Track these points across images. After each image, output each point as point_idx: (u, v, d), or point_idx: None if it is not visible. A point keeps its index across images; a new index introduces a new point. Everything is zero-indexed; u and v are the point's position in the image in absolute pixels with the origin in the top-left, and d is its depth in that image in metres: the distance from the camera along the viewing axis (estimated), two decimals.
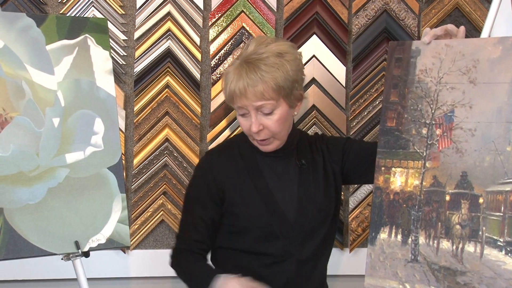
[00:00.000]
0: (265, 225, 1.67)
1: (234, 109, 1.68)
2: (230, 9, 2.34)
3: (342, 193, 2.38)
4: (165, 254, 1.82)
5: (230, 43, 2.34)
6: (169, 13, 2.32)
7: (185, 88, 2.32)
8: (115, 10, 2.29)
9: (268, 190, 1.69)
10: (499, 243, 1.33)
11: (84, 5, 2.26)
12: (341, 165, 1.76)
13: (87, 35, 1.72)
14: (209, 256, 1.80)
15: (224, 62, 2.34)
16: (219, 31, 2.34)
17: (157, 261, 2.31)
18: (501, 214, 1.34)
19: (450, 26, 1.49)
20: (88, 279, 1.66)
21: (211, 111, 2.35)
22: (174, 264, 1.75)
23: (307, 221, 1.69)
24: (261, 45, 1.63)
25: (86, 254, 1.64)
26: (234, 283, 1.56)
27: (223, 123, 2.34)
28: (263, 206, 1.68)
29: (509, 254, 1.32)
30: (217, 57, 2.34)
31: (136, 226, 2.32)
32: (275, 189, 1.70)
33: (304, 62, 2.35)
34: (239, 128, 2.19)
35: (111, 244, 1.69)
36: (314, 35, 2.37)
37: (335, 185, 1.76)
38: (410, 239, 1.46)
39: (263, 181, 1.70)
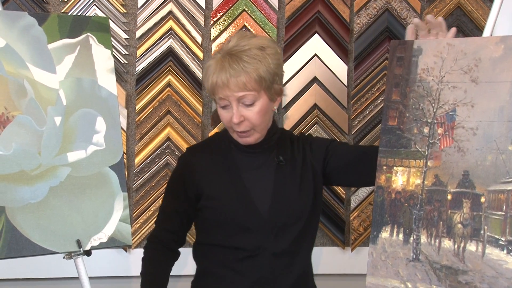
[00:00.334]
0: (238, 219, 1.70)
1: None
2: (232, 8, 2.34)
3: (344, 192, 2.39)
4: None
5: None
6: (170, 12, 2.31)
7: (186, 87, 2.32)
8: (116, 9, 2.29)
9: (243, 184, 1.72)
10: (500, 242, 1.33)
11: (86, 4, 2.26)
12: (323, 165, 1.78)
13: (88, 34, 1.72)
14: (190, 253, 1.84)
15: None
16: (221, 30, 2.34)
17: None
18: (503, 213, 1.34)
19: (441, 19, 1.55)
20: (90, 277, 1.66)
21: (212, 110, 2.35)
22: (144, 256, 1.83)
23: (280, 216, 1.71)
24: (243, 39, 1.67)
25: (87, 253, 1.64)
26: None
27: None
28: (236, 200, 1.70)
29: (511, 253, 1.32)
30: None
31: (138, 225, 2.32)
32: (250, 184, 1.72)
33: (305, 61, 2.37)
34: None
35: (112, 243, 1.69)
36: (316, 34, 2.37)
37: (314, 184, 1.76)
38: (411, 238, 1.46)
39: (238, 176, 1.73)
